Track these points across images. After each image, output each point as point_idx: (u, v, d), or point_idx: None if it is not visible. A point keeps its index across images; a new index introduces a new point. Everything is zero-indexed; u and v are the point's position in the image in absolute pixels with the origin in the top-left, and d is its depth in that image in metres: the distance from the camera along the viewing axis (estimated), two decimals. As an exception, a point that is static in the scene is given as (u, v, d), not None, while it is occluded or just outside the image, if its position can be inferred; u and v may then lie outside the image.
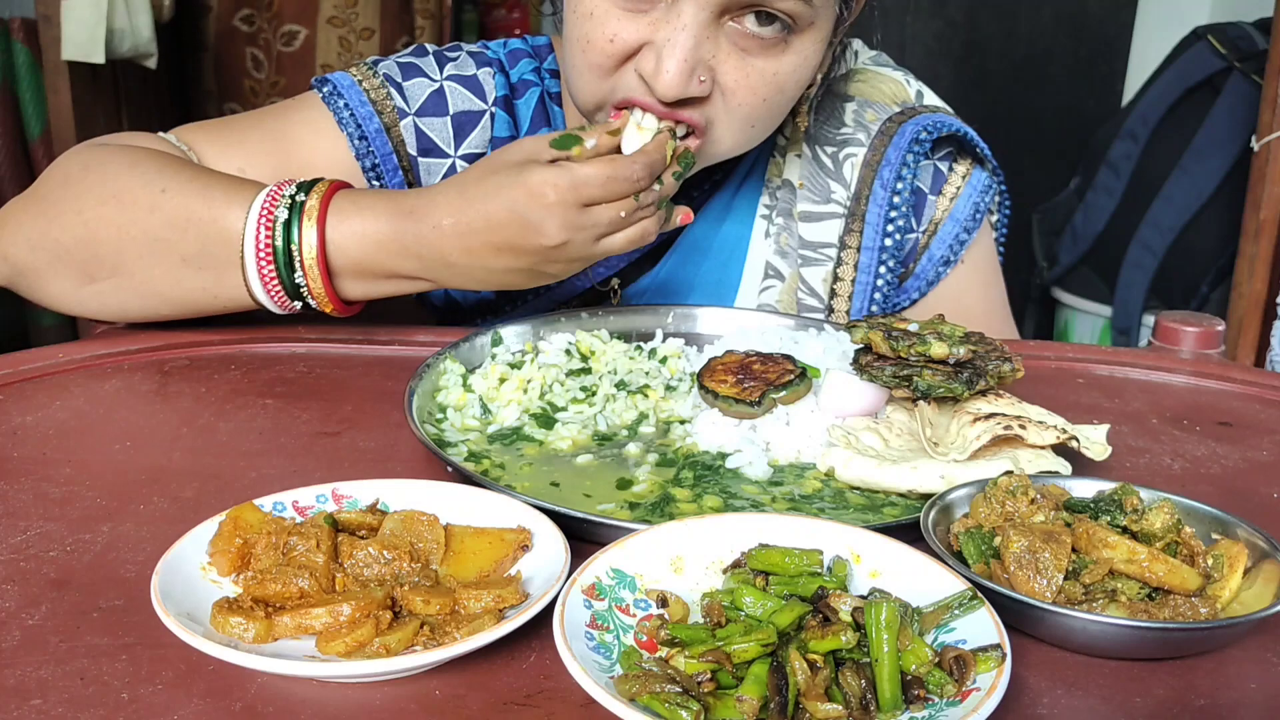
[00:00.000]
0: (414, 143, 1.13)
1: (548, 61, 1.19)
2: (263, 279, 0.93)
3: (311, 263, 0.92)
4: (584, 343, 0.97)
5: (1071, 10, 3.41)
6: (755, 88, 0.98)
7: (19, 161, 2.69)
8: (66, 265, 0.96)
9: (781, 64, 0.98)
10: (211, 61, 2.97)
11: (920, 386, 0.81)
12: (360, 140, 1.11)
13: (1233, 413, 0.98)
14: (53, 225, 0.96)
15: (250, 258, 0.93)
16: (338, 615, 0.58)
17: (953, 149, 1.20)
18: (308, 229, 0.92)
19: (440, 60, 1.16)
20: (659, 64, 0.93)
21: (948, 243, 1.18)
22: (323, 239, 0.92)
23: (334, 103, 1.11)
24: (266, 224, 0.92)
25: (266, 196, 0.93)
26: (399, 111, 1.12)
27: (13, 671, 0.56)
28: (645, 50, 0.95)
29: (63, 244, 0.96)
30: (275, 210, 0.92)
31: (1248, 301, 2.32)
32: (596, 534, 0.68)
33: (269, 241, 0.92)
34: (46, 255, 0.97)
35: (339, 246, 0.92)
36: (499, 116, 1.15)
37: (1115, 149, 2.74)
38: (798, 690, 0.53)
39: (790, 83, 1.00)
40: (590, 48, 0.96)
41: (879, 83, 1.20)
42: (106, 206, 0.95)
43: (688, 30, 0.92)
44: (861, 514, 0.75)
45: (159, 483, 0.77)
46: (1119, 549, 0.62)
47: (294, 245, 0.92)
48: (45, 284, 0.99)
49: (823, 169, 1.16)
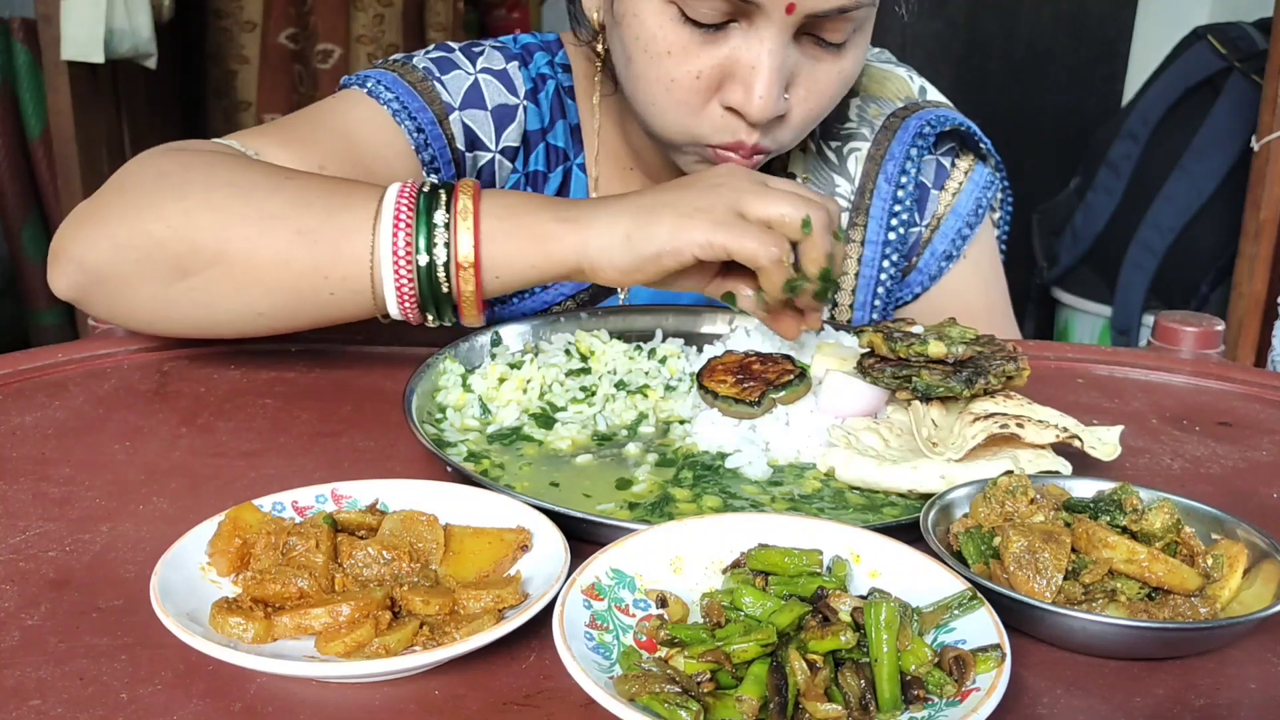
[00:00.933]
0: (461, 137, 1.11)
1: (559, 56, 1.19)
2: (395, 241, 0.82)
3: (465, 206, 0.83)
4: (584, 343, 0.97)
5: (1071, 10, 3.41)
6: (824, 91, 0.99)
7: (19, 161, 2.70)
8: (158, 261, 0.85)
9: (845, 63, 0.99)
10: (254, 74, 3.07)
11: (919, 386, 0.81)
12: (418, 132, 1.07)
13: (1233, 413, 0.98)
14: (148, 217, 0.85)
15: (388, 213, 0.83)
16: (337, 615, 0.58)
17: (955, 144, 1.20)
18: (462, 191, 0.84)
19: (469, 55, 1.14)
20: (748, 91, 0.93)
21: (950, 237, 1.19)
22: (477, 192, 0.85)
23: (382, 96, 1.06)
24: (411, 186, 0.85)
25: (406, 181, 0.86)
26: (446, 106, 1.09)
27: (12, 672, 0.56)
28: (729, 82, 0.95)
29: (156, 236, 0.85)
30: (419, 184, 0.85)
31: (1248, 302, 2.32)
32: (596, 534, 0.68)
33: (412, 196, 0.84)
34: (135, 253, 0.85)
35: (493, 198, 0.86)
36: (530, 109, 1.15)
37: (1115, 149, 2.74)
38: (797, 690, 0.53)
39: (851, 77, 1.02)
40: (676, 86, 0.96)
41: (883, 79, 1.20)
42: (218, 192, 0.86)
43: (772, 54, 0.92)
44: (861, 514, 0.75)
45: (158, 483, 0.77)
46: (1119, 549, 0.62)
47: (438, 205, 0.83)
48: (131, 288, 0.87)
49: (827, 163, 1.17)
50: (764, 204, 0.84)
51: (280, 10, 3.03)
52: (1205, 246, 2.57)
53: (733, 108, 0.95)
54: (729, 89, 0.95)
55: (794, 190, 0.86)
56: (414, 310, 0.86)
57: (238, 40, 3.07)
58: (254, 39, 3.06)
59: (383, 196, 0.84)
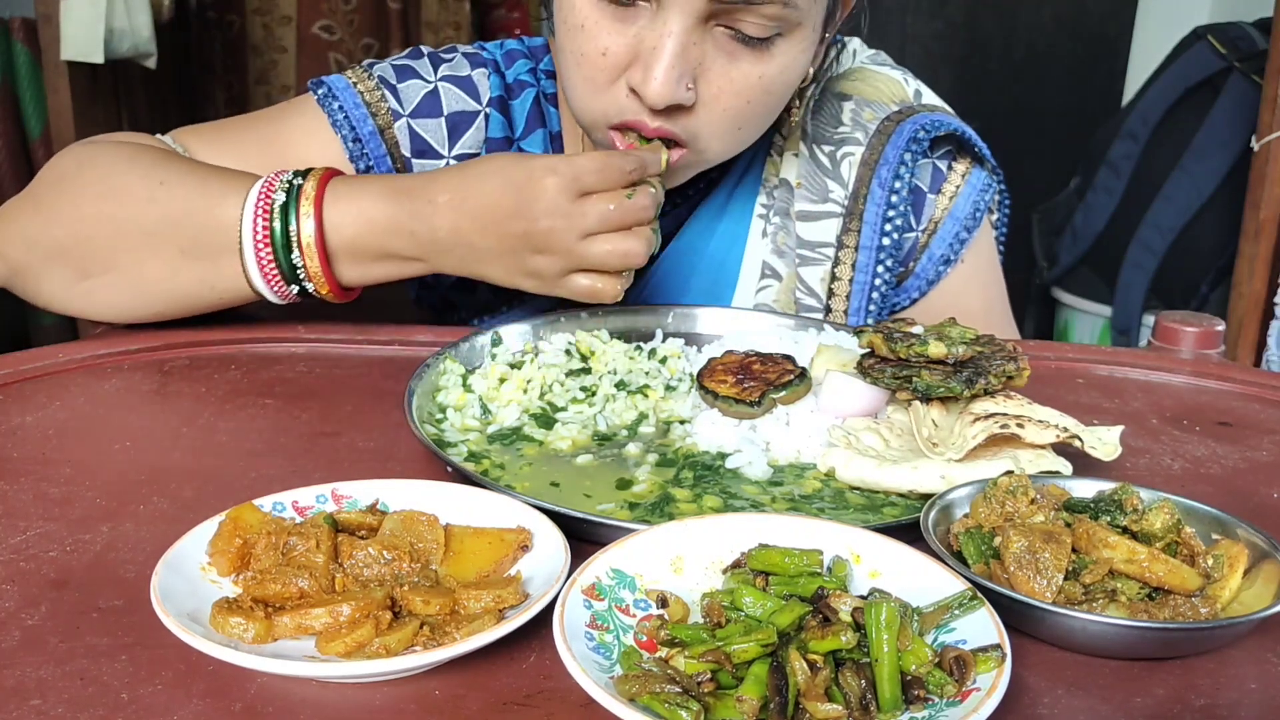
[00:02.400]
0: (408, 144, 1.13)
1: (544, 62, 1.19)
2: (260, 264, 0.94)
3: (309, 242, 0.93)
4: (584, 343, 0.97)
5: (1071, 10, 3.41)
6: (740, 91, 0.98)
7: (19, 161, 2.69)
8: (61, 262, 0.96)
9: (768, 67, 0.97)
10: (293, 62, 3.48)
11: (919, 386, 0.81)
12: (354, 142, 1.11)
13: (1233, 413, 0.98)
14: (48, 222, 0.96)
15: (249, 243, 0.93)
16: (337, 615, 0.58)
17: (952, 148, 1.20)
18: (305, 210, 0.93)
19: (435, 61, 1.16)
20: (646, 72, 0.93)
21: (947, 241, 1.18)
22: (320, 220, 0.93)
23: (328, 105, 1.12)
24: (264, 209, 0.93)
25: (263, 184, 0.94)
26: (393, 113, 1.12)
27: (12, 672, 0.56)
28: (634, 63, 0.95)
29: (58, 241, 0.96)
30: (273, 195, 0.93)
31: (1248, 301, 2.32)
32: (596, 534, 0.68)
33: (266, 226, 0.93)
34: (41, 253, 0.97)
35: (335, 226, 0.93)
36: (493, 117, 1.15)
37: (1115, 149, 2.74)
38: (798, 690, 0.53)
39: (778, 84, 1.00)
40: (584, 61, 0.97)
41: (877, 82, 1.20)
42: (103, 202, 0.95)
43: (674, 37, 0.92)
44: (861, 514, 0.75)
45: (159, 483, 0.77)
46: (1119, 549, 0.62)
47: (291, 228, 0.93)
48: (40, 283, 0.99)
49: (820, 168, 1.16)
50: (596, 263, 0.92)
51: (310, 6, 3.39)
52: (1205, 246, 2.57)
53: (633, 88, 0.95)
54: (632, 69, 0.95)
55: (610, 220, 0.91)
56: (293, 298, 0.98)
57: (276, 33, 3.45)
58: (290, 31, 3.45)
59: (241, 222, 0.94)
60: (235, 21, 3.38)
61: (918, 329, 0.86)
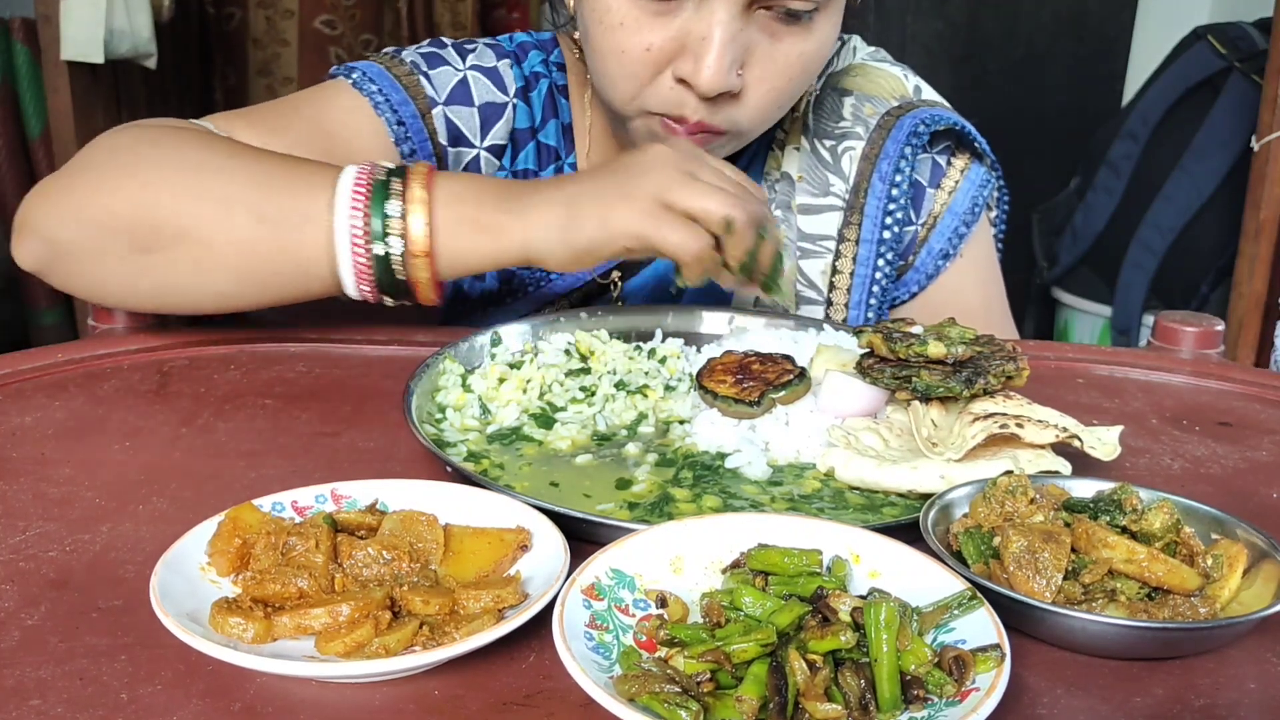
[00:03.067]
0: (444, 131, 1.12)
1: (554, 55, 1.19)
2: (352, 231, 0.86)
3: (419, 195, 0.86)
4: (583, 343, 0.97)
5: (1071, 10, 3.41)
6: (783, 71, 0.99)
7: (19, 161, 2.69)
8: (119, 237, 0.87)
9: (807, 44, 0.98)
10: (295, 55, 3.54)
11: (919, 386, 0.81)
12: (398, 125, 1.08)
13: (1233, 413, 0.98)
14: (106, 194, 0.88)
15: (343, 202, 0.86)
16: (337, 615, 0.58)
17: (951, 143, 1.20)
18: (417, 170, 0.88)
19: (460, 51, 1.15)
20: (697, 63, 0.93)
21: (946, 236, 1.19)
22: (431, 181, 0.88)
23: (366, 88, 1.08)
24: (368, 173, 0.88)
25: (362, 165, 0.90)
26: (430, 100, 1.11)
27: (12, 672, 0.56)
28: (681, 54, 0.95)
29: (117, 212, 0.87)
30: (374, 171, 0.88)
31: (1248, 302, 2.32)
32: (596, 534, 0.68)
33: (368, 182, 0.87)
34: (95, 228, 0.88)
35: (445, 186, 0.89)
36: (520, 108, 1.15)
37: (1115, 149, 2.74)
38: (797, 690, 0.53)
39: (814, 62, 1.01)
40: (625, 58, 0.96)
41: (877, 77, 1.20)
42: (174, 171, 0.88)
43: (723, 25, 0.92)
44: (861, 514, 0.75)
45: (158, 483, 0.77)
46: (1118, 549, 0.62)
47: (394, 183, 0.87)
48: (92, 263, 0.89)
49: (821, 162, 1.17)
50: (687, 197, 0.86)
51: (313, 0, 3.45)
52: (1205, 246, 2.57)
53: (683, 79, 0.95)
54: (680, 61, 0.95)
55: (720, 184, 0.88)
56: (374, 294, 0.90)
57: (278, 26, 3.51)
58: (292, 25, 3.50)
59: (337, 183, 0.87)
60: (236, 14, 3.43)
61: (917, 329, 0.86)
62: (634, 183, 0.87)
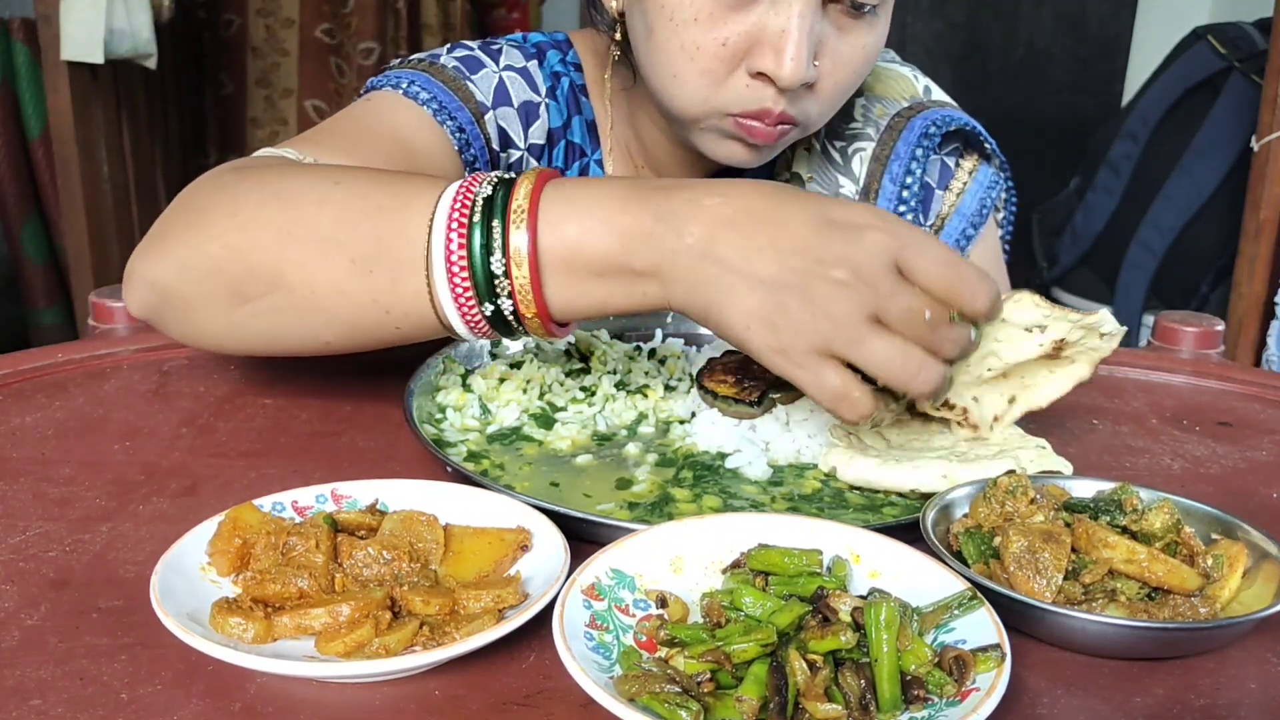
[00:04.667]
0: (496, 136, 1.10)
1: (570, 55, 1.19)
2: (450, 275, 0.73)
3: (519, 247, 0.71)
4: (584, 342, 0.97)
5: (1071, 10, 3.42)
6: (849, 63, 0.99)
7: (19, 161, 2.70)
8: (218, 283, 0.79)
9: (870, 36, 0.99)
10: (295, 65, 3.53)
11: (902, 396, 0.82)
12: (459, 132, 1.05)
13: (1233, 413, 0.98)
14: (204, 237, 0.79)
15: (439, 248, 0.72)
16: (337, 615, 0.58)
17: (960, 144, 1.20)
18: (517, 206, 0.72)
19: (489, 53, 1.14)
20: (778, 55, 0.92)
21: (954, 237, 1.19)
22: (534, 222, 0.71)
23: (418, 96, 1.03)
24: (463, 209, 0.73)
25: (463, 182, 0.75)
26: (480, 105, 1.09)
27: (12, 672, 0.56)
28: (757, 48, 0.94)
29: (214, 257, 0.78)
30: (474, 191, 0.73)
31: (1247, 302, 2.32)
32: (596, 534, 0.68)
33: (464, 227, 0.72)
34: (196, 274, 0.79)
35: (552, 225, 0.72)
36: (552, 106, 1.15)
37: (1115, 149, 2.74)
38: (797, 690, 0.53)
39: (875, 52, 1.01)
40: (701, 54, 0.95)
41: (887, 78, 1.20)
42: (267, 207, 0.78)
43: (802, 17, 0.92)
44: (861, 514, 0.75)
45: (158, 483, 0.77)
46: (1119, 549, 0.62)
47: (495, 231, 0.71)
48: (195, 310, 0.81)
49: (831, 163, 1.17)
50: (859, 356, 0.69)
51: (313, 9, 3.42)
52: (1205, 246, 2.57)
53: (762, 73, 0.94)
54: (757, 55, 0.94)
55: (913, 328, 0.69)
56: (485, 328, 0.76)
57: (278, 35, 3.47)
58: (293, 34, 3.46)
59: (432, 223, 0.74)
60: (235, 21, 3.39)
61: None
62: (792, 316, 0.68)
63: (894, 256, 0.68)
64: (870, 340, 0.68)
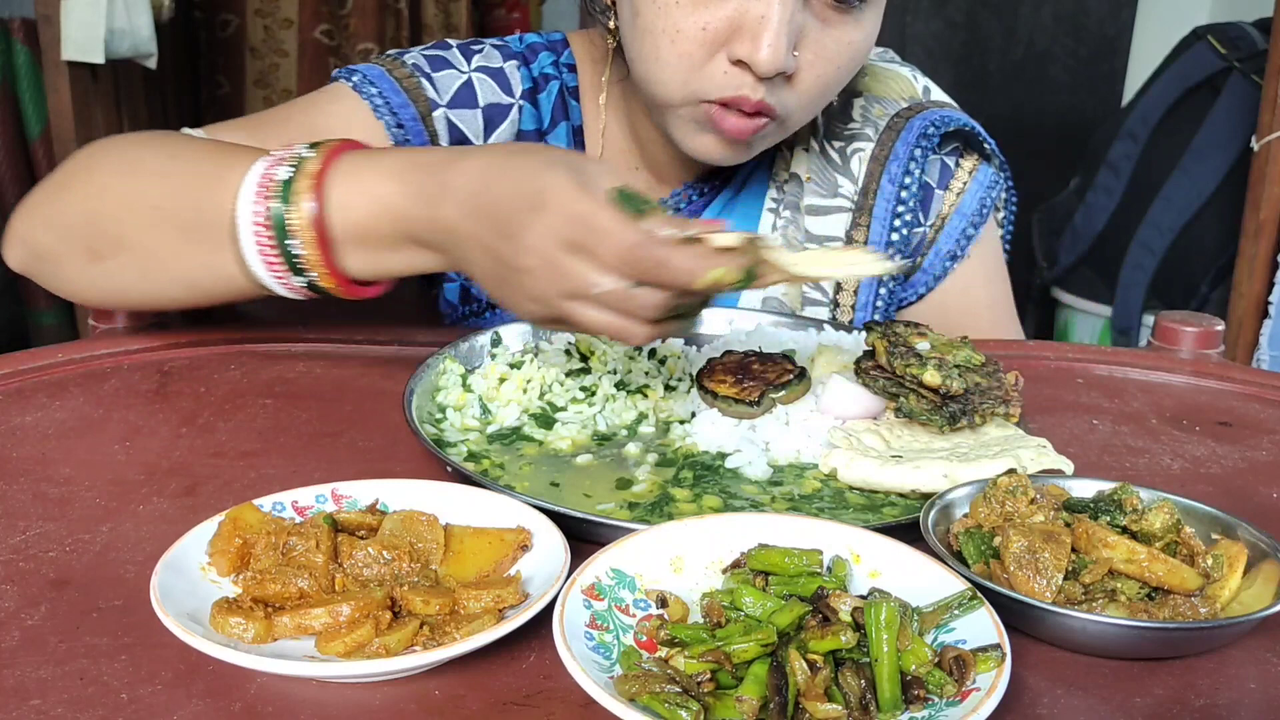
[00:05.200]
0: (446, 134, 1.11)
1: (564, 56, 1.19)
2: (261, 250, 0.81)
3: (305, 224, 0.79)
4: (584, 342, 0.97)
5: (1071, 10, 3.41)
6: (832, 58, 0.98)
7: (19, 161, 2.69)
8: (76, 243, 0.90)
9: (856, 33, 0.98)
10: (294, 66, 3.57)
11: (905, 409, 0.81)
12: (397, 128, 1.08)
13: (1233, 413, 0.98)
14: (65, 202, 0.92)
15: (245, 225, 0.81)
16: (337, 615, 0.58)
17: (959, 144, 1.20)
18: (303, 186, 0.80)
19: (466, 53, 1.15)
20: (755, 41, 0.92)
21: (954, 237, 1.19)
22: (320, 198, 0.79)
23: (365, 90, 1.08)
24: (267, 186, 0.80)
25: (271, 158, 0.82)
26: (431, 103, 1.10)
27: (12, 671, 0.56)
28: (737, 35, 0.94)
29: (71, 221, 0.90)
30: (277, 170, 0.81)
31: (1247, 302, 2.31)
32: (596, 534, 0.68)
33: (265, 205, 0.80)
34: (57, 233, 0.91)
35: (339, 204, 0.80)
36: (526, 109, 1.15)
37: (1115, 149, 2.74)
38: (797, 690, 0.53)
39: (861, 51, 1.01)
40: (681, 38, 0.95)
41: (886, 79, 1.20)
42: (115, 177, 0.89)
43: (783, 3, 0.91)
44: (861, 514, 0.75)
45: (158, 483, 0.77)
46: (1119, 549, 0.62)
47: (290, 207, 0.80)
48: (59, 267, 0.93)
49: (830, 164, 1.17)
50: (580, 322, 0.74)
51: (312, 10, 3.44)
52: (1205, 246, 2.57)
53: (740, 60, 0.94)
54: (736, 41, 0.94)
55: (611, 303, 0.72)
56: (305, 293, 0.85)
57: (277, 36, 3.51)
58: (292, 35, 3.50)
59: (244, 178, 0.81)
60: (233, 21, 3.41)
61: (924, 345, 0.85)
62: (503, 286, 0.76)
63: (562, 236, 0.71)
64: (575, 313, 0.73)
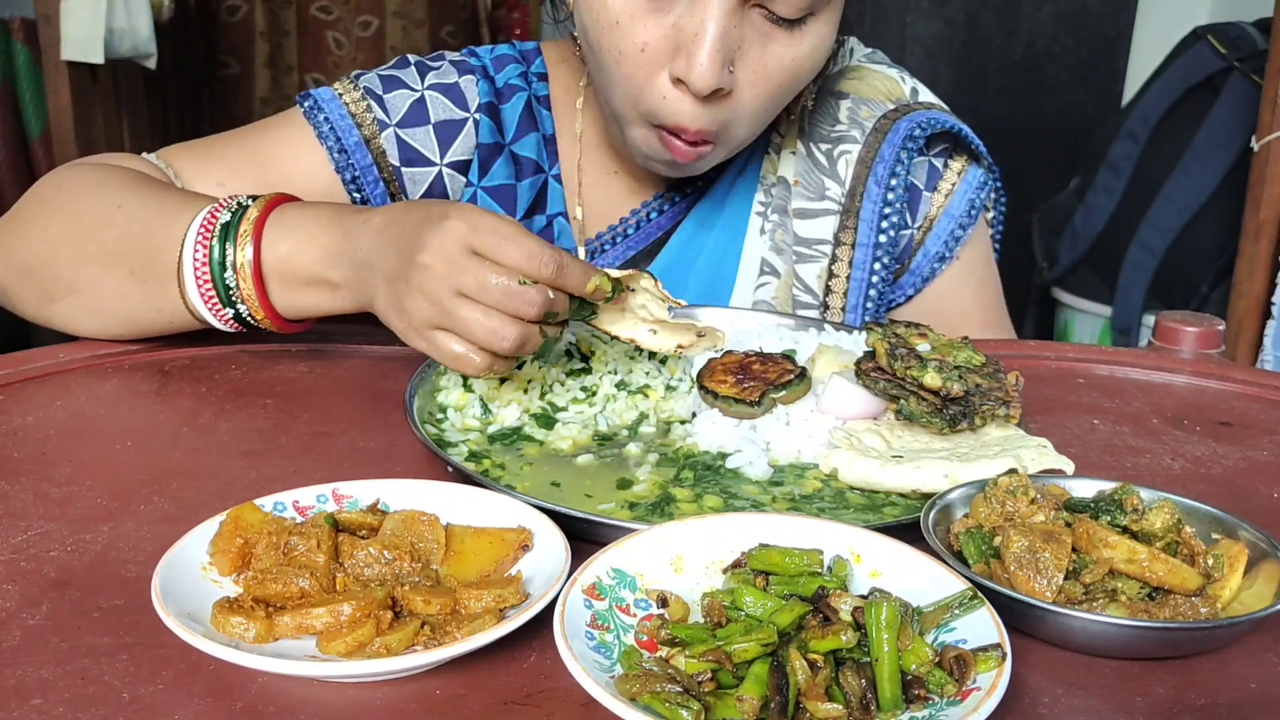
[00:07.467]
0: (396, 154, 1.13)
1: (534, 65, 1.20)
2: (199, 286, 0.91)
3: (244, 263, 0.89)
4: (584, 342, 0.97)
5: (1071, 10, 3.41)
6: (773, 75, 0.98)
7: (19, 161, 2.70)
8: (32, 284, 0.98)
9: (799, 49, 0.98)
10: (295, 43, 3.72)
11: (904, 410, 0.81)
12: (340, 153, 1.11)
13: (1233, 413, 0.98)
14: (22, 244, 0.98)
15: (188, 263, 0.90)
16: (338, 615, 0.58)
17: (948, 145, 1.20)
18: (244, 230, 0.89)
19: (422, 70, 1.16)
20: (690, 59, 0.93)
21: (943, 239, 1.19)
22: (258, 241, 0.89)
23: (314, 117, 1.12)
24: (206, 230, 0.90)
25: (211, 208, 0.92)
26: (379, 124, 1.12)
27: (13, 671, 0.56)
28: (675, 54, 0.94)
29: (29, 263, 0.97)
30: (217, 216, 0.91)
31: (1248, 302, 2.31)
32: (597, 534, 0.68)
33: (206, 247, 0.90)
34: (18, 274, 0.98)
35: (272, 244, 0.89)
36: (483, 123, 1.15)
37: (1115, 149, 2.74)
38: (798, 690, 0.53)
39: (806, 67, 1.01)
40: (623, 59, 0.96)
41: (874, 80, 1.20)
42: (67, 224, 0.96)
43: (715, 20, 0.92)
44: (861, 514, 0.75)
45: (159, 483, 0.77)
46: (1119, 549, 0.62)
47: (229, 250, 0.89)
48: (17, 302, 1.01)
49: (817, 166, 1.16)
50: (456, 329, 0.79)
51: None
52: (1205, 246, 2.57)
53: (679, 79, 0.95)
54: (676, 60, 0.95)
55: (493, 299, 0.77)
56: (233, 324, 0.94)
57: (280, 17, 3.64)
58: (291, 14, 3.64)
59: (183, 243, 0.91)
60: (241, 7, 3.49)
61: (924, 346, 0.85)
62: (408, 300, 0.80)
63: (467, 241, 0.78)
64: (457, 311, 0.78)
